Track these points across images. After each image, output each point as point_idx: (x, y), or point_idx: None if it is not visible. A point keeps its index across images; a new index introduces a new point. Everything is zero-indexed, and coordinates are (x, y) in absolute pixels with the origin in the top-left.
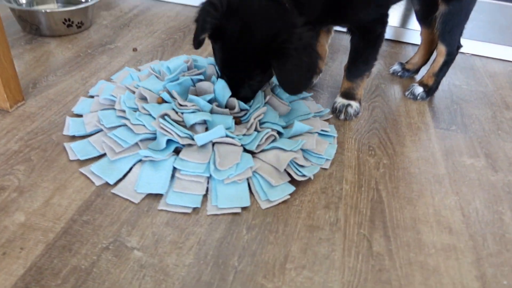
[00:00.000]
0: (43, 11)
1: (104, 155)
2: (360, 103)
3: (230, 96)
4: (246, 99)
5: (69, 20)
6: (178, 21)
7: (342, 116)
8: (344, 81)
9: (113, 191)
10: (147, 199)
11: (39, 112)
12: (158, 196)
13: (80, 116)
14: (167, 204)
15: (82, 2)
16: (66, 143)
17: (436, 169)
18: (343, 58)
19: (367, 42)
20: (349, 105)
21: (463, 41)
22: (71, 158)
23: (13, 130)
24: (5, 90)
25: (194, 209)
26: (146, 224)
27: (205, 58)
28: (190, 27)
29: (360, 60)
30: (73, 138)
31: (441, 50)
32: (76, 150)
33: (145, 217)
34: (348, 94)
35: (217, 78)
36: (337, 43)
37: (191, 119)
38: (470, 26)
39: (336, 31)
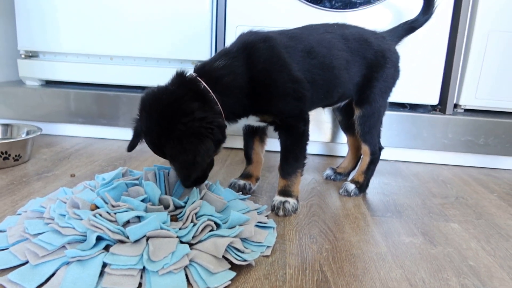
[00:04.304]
0: None
1: (26, 263)
2: (297, 200)
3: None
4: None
5: (6, 153)
6: (119, 153)
7: (280, 212)
8: (280, 180)
9: None
10: None
11: None
12: None
13: (4, 231)
14: None
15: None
16: None
17: (377, 248)
18: None
19: (293, 139)
20: (286, 201)
21: (386, 150)
22: None
23: None
24: None
25: None
26: None
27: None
28: (131, 155)
29: (291, 158)
30: None
31: (365, 150)
32: None
33: None
34: (285, 192)
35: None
36: (273, 160)
37: (124, 216)
38: (388, 135)
39: (269, 151)
